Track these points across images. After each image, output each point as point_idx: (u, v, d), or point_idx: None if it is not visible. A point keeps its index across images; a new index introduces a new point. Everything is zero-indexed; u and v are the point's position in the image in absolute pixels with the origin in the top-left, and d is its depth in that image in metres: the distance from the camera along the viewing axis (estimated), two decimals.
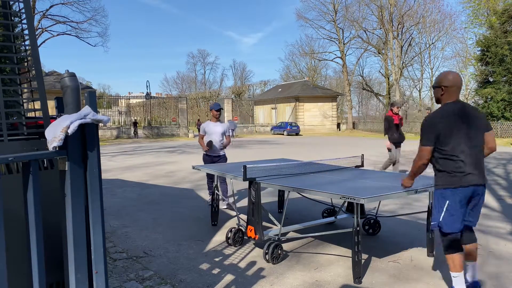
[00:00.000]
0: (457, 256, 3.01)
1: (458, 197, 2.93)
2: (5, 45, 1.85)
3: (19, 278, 1.89)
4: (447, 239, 3.04)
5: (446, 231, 3.01)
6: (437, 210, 3.04)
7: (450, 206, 2.95)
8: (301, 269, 3.80)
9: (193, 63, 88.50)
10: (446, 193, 2.96)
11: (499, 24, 29.24)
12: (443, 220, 2.98)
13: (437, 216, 3.03)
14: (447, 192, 2.96)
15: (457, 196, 2.93)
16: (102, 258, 1.77)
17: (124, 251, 4.36)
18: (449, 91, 2.98)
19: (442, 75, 3.07)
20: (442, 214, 2.98)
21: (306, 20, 44.50)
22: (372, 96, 54.60)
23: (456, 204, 2.94)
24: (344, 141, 25.50)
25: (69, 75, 1.70)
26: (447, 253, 3.05)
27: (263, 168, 4.88)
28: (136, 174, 10.59)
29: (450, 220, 2.96)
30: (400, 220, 5.53)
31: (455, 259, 3.01)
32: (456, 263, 3.01)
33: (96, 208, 1.75)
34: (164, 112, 37.07)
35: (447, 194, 2.96)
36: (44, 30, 31.41)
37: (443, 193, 2.98)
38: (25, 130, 1.86)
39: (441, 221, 2.99)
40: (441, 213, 2.99)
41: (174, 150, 18.88)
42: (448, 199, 2.95)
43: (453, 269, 3.03)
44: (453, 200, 2.94)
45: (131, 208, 6.49)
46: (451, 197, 2.94)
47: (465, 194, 2.93)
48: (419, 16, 37.10)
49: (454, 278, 3.05)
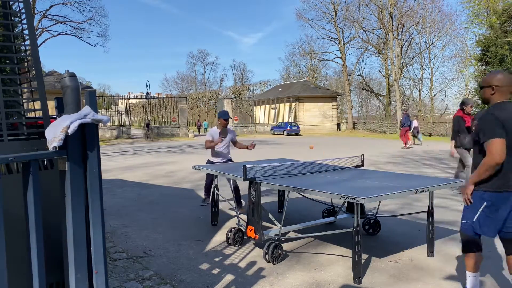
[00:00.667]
0: (475, 255, 2.96)
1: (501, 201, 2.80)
2: (5, 45, 1.85)
3: (19, 278, 1.89)
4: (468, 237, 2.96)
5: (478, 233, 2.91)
6: (471, 211, 2.91)
7: (488, 209, 2.83)
8: (301, 269, 3.80)
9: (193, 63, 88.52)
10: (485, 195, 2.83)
11: (499, 24, 29.24)
12: (476, 220, 2.88)
13: (470, 216, 2.91)
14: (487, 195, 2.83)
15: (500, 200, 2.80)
16: (102, 258, 1.77)
17: (124, 251, 4.36)
18: (501, 90, 2.87)
19: (491, 74, 2.96)
20: (477, 215, 2.87)
21: (306, 20, 44.53)
22: (372, 96, 54.59)
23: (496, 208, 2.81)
24: (344, 141, 25.50)
25: (69, 75, 1.70)
26: (466, 251, 3.00)
27: (263, 168, 4.88)
28: (136, 174, 10.59)
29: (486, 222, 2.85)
30: (400, 220, 5.53)
31: (473, 258, 2.97)
32: (473, 263, 2.97)
33: (96, 208, 1.75)
34: (164, 112, 37.06)
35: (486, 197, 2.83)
36: (44, 30, 31.40)
37: (482, 195, 2.85)
38: (25, 130, 1.86)
39: (474, 221, 2.89)
40: (476, 214, 2.87)
41: (174, 150, 18.88)
42: (486, 201, 2.83)
43: (470, 268, 2.99)
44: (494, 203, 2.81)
45: (131, 208, 6.49)
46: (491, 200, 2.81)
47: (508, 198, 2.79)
48: (419, 16, 37.11)
49: (469, 278, 3.00)
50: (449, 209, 6.15)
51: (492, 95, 2.91)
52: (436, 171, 9.88)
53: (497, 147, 2.69)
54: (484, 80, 2.99)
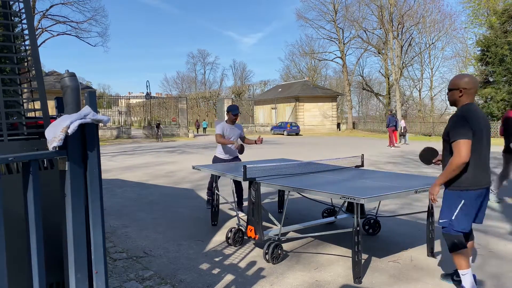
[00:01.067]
0: (464, 252, 3.05)
1: (475, 198, 2.99)
2: (5, 45, 1.85)
3: (19, 278, 1.89)
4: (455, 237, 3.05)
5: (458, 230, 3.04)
6: (449, 209, 3.05)
7: (465, 206, 2.99)
8: (301, 269, 3.80)
9: (193, 63, 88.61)
10: (462, 194, 2.99)
11: (499, 24, 29.24)
12: (455, 219, 3.01)
13: (448, 215, 3.05)
14: (464, 193, 2.99)
15: (474, 197, 2.99)
16: (102, 258, 1.77)
17: (124, 251, 4.36)
18: (468, 93, 3.04)
19: (459, 77, 3.11)
20: (455, 213, 3.01)
21: (306, 20, 44.51)
22: (372, 96, 54.60)
23: (472, 205, 2.99)
24: (344, 141, 25.50)
25: (69, 75, 1.70)
26: (454, 250, 3.07)
27: (263, 168, 4.88)
28: (136, 174, 10.59)
29: (464, 219, 3.01)
30: (400, 220, 5.53)
31: (463, 256, 3.04)
32: (464, 260, 3.05)
33: (96, 208, 1.75)
34: (164, 112, 37.06)
35: (463, 195, 2.99)
36: (44, 30, 31.40)
37: (460, 194, 3.00)
38: (25, 130, 1.86)
39: (453, 219, 3.02)
40: (454, 212, 3.01)
41: (174, 150, 18.88)
42: (464, 199, 2.98)
43: (462, 266, 3.05)
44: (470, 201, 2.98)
45: (131, 208, 6.49)
46: (467, 198, 2.98)
47: (480, 195, 3.00)
48: (419, 16, 37.11)
49: (464, 276, 3.06)
50: None
51: (460, 97, 3.08)
52: (436, 171, 9.88)
53: (464, 147, 2.87)
54: (452, 83, 3.13)
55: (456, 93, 3.08)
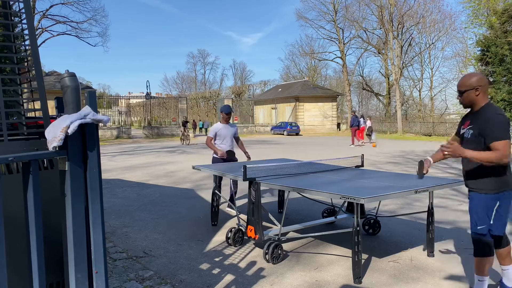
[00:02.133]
0: (489, 259, 2.97)
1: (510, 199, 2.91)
2: (5, 45, 1.85)
3: (19, 278, 1.89)
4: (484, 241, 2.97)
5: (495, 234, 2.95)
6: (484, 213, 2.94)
7: (500, 208, 2.90)
8: (301, 269, 3.80)
9: (193, 63, 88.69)
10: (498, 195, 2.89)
11: (499, 24, 29.23)
12: (493, 222, 2.92)
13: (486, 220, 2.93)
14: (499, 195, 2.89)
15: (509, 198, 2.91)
16: (102, 258, 1.77)
17: (124, 251, 4.36)
18: (483, 90, 2.94)
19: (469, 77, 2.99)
20: (492, 217, 2.91)
21: (306, 20, 44.51)
22: (372, 96, 54.59)
23: (506, 206, 2.91)
24: (344, 141, 25.48)
25: (69, 75, 1.70)
26: (480, 255, 2.99)
27: (263, 168, 4.88)
28: (136, 174, 10.59)
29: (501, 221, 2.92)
30: (400, 220, 5.53)
31: (487, 262, 2.97)
32: (486, 267, 2.97)
33: (96, 208, 1.75)
34: (164, 112, 37.07)
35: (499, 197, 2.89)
36: (44, 30, 31.39)
37: (496, 196, 2.90)
38: (25, 130, 1.86)
39: (492, 223, 2.92)
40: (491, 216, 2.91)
41: (174, 150, 18.88)
42: (499, 200, 2.89)
43: (482, 273, 2.98)
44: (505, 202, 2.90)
45: (131, 208, 6.49)
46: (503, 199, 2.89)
47: None
48: (419, 16, 37.08)
49: (480, 282, 2.99)
50: (449, 209, 6.15)
51: (477, 96, 2.96)
52: (436, 171, 9.88)
53: (506, 147, 2.75)
54: (463, 85, 2.99)
55: (472, 92, 2.95)
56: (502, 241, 3.07)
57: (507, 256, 3.10)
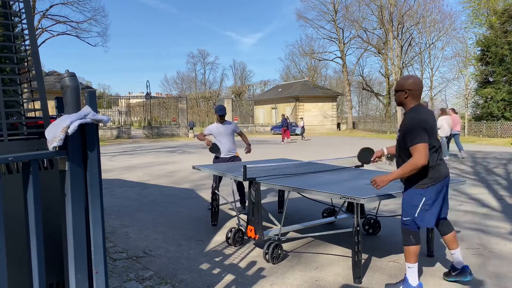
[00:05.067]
0: (417, 247, 3.14)
1: (436, 193, 3.08)
2: (5, 45, 1.85)
3: (19, 278, 1.89)
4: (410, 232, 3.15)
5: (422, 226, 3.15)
6: (410, 206, 3.13)
7: (427, 202, 3.08)
8: (301, 269, 3.80)
9: (193, 63, 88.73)
10: (423, 191, 3.08)
11: (499, 24, 29.22)
12: (418, 216, 3.10)
13: (411, 213, 3.12)
14: (424, 191, 3.08)
15: (435, 192, 3.08)
16: (102, 258, 1.77)
17: (124, 251, 4.36)
18: (413, 94, 3.13)
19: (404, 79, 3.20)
20: (417, 210, 3.09)
21: (306, 20, 44.45)
22: (372, 96, 54.57)
23: (433, 200, 3.09)
24: (344, 141, 25.49)
25: (69, 75, 1.70)
26: (408, 244, 3.15)
27: (263, 168, 4.88)
28: (136, 174, 10.59)
29: (428, 215, 3.10)
30: (400, 220, 5.52)
31: (415, 250, 3.13)
32: (414, 254, 3.13)
33: (96, 208, 1.75)
34: (164, 112, 37.05)
35: (424, 192, 3.08)
36: (44, 30, 31.38)
37: (420, 191, 3.09)
38: (25, 130, 1.86)
39: (416, 216, 3.10)
40: (416, 209, 3.10)
41: (174, 150, 18.88)
42: (424, 196, 3.07)
43: (412, 260, 3.13)
44: (430, 197, 3.08)
45: (131, 208, 6.49)
46: (428, 194, 3.07)
47: (440, 188, 3.11)
48: (419, 16, 37.06)
49: (411, 268, 3.14)
50: (450, 209, 6.14)
51: (406, 99, 3.16)
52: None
53: (423, 150, 2.94)
54: (397, 84, 3.21)
55: (402, 94, 3.16)
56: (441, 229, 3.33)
57: (453, 241, 3.32)
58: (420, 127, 2.98)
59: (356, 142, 24.90)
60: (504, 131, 27.03)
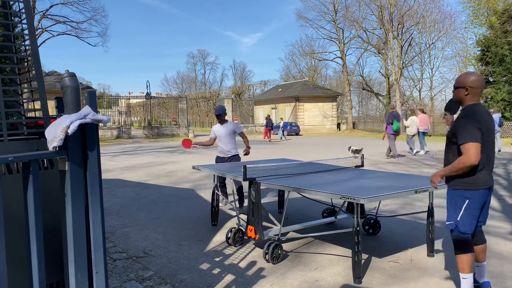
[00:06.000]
0: (470, 256, 2.99)
1: (479, 197, 2.94)
2: (5, 45, 1.85)
3: (19, 278, 1.89)
4: (459, 237, 3.00)
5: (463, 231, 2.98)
6: (454, 210, 3.00)
7: (470, 206, 2.94)
8: (301, 269, 3.80)
9: (193, 63, 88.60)
10: (467, 193, 2.94)
11: (499, 24, 29.23)
12: (460, 219, 2.96)
13: (454, 216, 3.00)
14: (468, 193, 2.94)
15: (479, 197, 2.94)
16: (102, 258, 1.77)
17: (124, 251, 4.36)
18: (474, 92, 2.99)
19: (466, 75, 3.06)
20: (460, 213, 2.96)
21: (306, 20, 44.39)
22: (372, 96, 54.55)
23: (476, 204, 2.95)
24: (344, 141, 25.49)
25: (69, 75, 1.70)
26: (459, 252, 3.01)
27: (263, 168, 4.88)
28: (136, 174, 10.59)
29: (469, 220, 2.96)
30: (400, 220, 5.53)
31: (467, 259, 2.99)
32: (468, 264, 2.99)
33: (96, 208, 1.75)
34: (164, 112, 37.03)
35: (468, 195, 2.94)
36: (44, 30, 31.35)
37: (464, 193, 2.95)
38: (25, 130, 1.86)
39: (458, 220, 2.97)
40: (459, 212, 2.96)
41: (174, 150, 18.87)
42: (468, 199, 2.94)
43: (465, 270, 2.99)
44: (474, 200, 2.94)
45: (131, 208, 6.49)
46: (472, 197, 2.94)
47: (484, 195, 2.96)
48: (419, 16, 37.05)
49: (465, 279, 3.00)
50: None
51: (466, 96, 3.03)
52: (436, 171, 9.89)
53: (473, 150, 2.81)
54: (458, 81, 3.09)
55: (462, 91, 3.02)
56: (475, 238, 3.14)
57: (482, 253, 3.18)
58: (474, 126, 2.86)
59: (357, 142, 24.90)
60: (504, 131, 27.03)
